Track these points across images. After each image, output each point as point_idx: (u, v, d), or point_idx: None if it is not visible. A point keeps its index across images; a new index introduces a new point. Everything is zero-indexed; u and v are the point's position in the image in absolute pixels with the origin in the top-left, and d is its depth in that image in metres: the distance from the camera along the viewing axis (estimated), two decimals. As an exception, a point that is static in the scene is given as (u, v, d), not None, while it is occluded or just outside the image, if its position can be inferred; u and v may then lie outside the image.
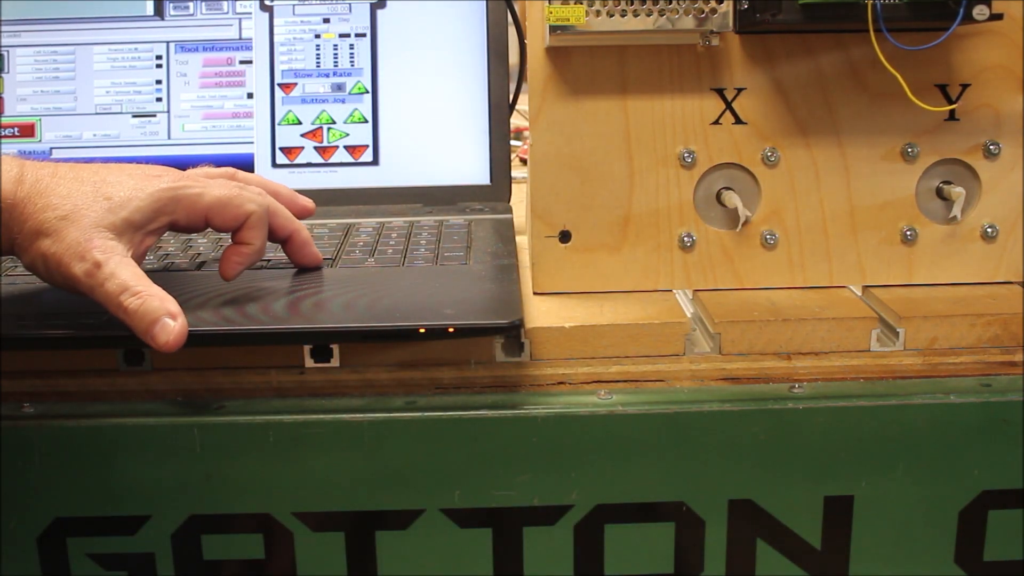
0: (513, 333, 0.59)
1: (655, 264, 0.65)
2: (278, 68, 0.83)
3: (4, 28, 0.82)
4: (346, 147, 0.83)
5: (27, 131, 0.82)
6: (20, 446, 0.55)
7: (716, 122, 0.63)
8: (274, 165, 0.83)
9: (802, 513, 0.57)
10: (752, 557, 0.58)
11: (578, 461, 0.56)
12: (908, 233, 0.65)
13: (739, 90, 0.63)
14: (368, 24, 0.83)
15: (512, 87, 0.85)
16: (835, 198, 0.64)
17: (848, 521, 0.57)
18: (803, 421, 0.56)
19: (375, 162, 0.82)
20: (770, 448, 0.56)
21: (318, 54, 0.83)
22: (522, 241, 0.75)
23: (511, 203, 0.81)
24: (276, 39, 0.83)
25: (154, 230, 0.56)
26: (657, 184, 0.64)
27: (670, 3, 0.59)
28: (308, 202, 0.66)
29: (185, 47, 0.83)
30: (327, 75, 0.83)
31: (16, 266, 0.65)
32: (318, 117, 0.83)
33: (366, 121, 0.83)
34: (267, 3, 0.83)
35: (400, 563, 0.57)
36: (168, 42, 0.83)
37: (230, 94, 0.83)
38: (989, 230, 0.65)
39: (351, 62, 0.83)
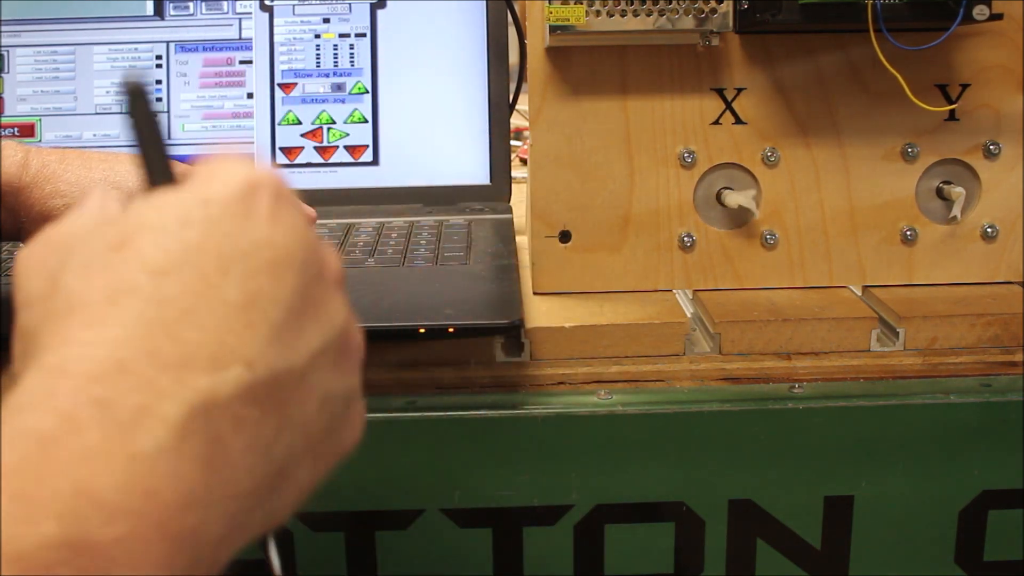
0: (513, 333, 0.59)
1: (655, 264, 0.65)
2: (278, 68, 0.83)
3: (4, 28, 0.82)
4: (346, 147, 0.82)
5: (27, 131, 0.82)
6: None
7: (716, 122, 0.63)
8: (274, 165, 0.83)
9: (802, 513, 0.57)
10: (752, 557, 0.58)
11: (578, 461, 0.56)
12: (908, 233, 0.65)
13: (739, 90, 0.63)
14: (368, 24, 0.83)
15: (512, 87, 0.85)
16: (835, 198, 0.64)
17: (848, 521, 0.57)
18: (803, 421, 0.56)
19: (375, 162, 0.82)
20: (770, 448, 0.56)
21: (318, 54, 0.83)
22: (522, 241, 0.75)
23: (511, 203, 0.81)
24: (276, 39, 0.83)
25: None
26: (657, 184, 0.64)
27: (670, 3, 0.59)
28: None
29: (185, 47, 0.83)
30: (327, 75, 0.83)
31: (16, 266, 0.65)
32: (318, 117, 0.83)
33: (366, 121, 0.83)
34: (267, 3, 0.83)
35: (400, 563, 0.57)
36: (168, 42, 0.83)
37: (230, 94, 0.83)
38: (989, 230, 0.65)
39: (351, 62, 0.83)
